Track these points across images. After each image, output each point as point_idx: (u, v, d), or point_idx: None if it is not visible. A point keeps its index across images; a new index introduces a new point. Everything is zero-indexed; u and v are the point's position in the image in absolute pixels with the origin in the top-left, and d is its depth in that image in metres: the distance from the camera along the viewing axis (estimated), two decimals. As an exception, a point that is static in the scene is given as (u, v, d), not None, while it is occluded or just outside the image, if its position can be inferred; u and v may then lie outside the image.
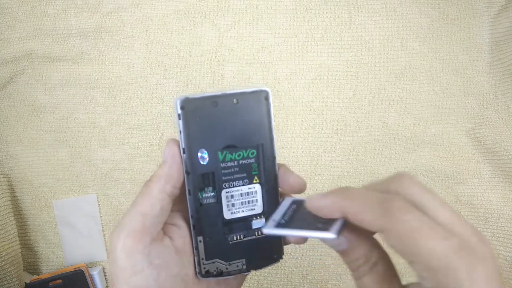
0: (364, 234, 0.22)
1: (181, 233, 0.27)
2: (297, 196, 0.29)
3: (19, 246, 0.55)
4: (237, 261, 0.28)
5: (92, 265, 0.58)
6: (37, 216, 0.58)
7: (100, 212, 0.58)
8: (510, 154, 0.57)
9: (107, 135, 0.58)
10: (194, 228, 0.27)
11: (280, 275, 0.59)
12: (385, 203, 0.19)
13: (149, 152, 0.59)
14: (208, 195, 0.27)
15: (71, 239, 0.57)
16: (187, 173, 0.26)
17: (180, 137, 0.26)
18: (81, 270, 0.54)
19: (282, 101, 0.60)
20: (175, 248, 0.26)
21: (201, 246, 0.27)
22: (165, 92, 0.59)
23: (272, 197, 0.28)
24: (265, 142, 0.28)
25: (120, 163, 0.58)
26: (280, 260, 0.29)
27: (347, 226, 0.22)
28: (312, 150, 0.59)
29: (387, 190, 0.21)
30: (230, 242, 0.28)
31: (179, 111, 0.26)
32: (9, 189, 0.57)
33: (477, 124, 0.60)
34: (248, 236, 0.28)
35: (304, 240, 0.26)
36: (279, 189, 0.29)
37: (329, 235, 0.22)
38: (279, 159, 0.28)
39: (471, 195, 0.59)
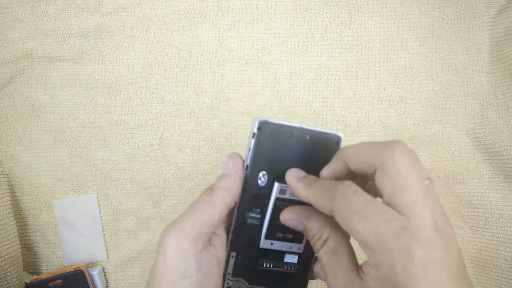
0: (315, 215, 0.25)
1: (223, 244, 0.28)
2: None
3: (19, 246, 0.55)
4: (259, 287, 0.28)
5: (92, 265, 0.58)
6: (37, 216, 0.58)
7: (100, 212, 0.58)
8: (510, 154, 0.57)
9: (107, 135, 0.58)
10: (231, 243, 0.28)
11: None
12: (332, 189, 0.22)
13: (149, 152, 0.59)
14: (254, 215, 0.28)
15: (71, 239, 0.57)
16: (243, 189, 0.27)
17: (247, 154, 0.27)
18: (81, 270, 0.54)
19: (282, 101, 0.60)
20: (217, 258, 0.27)
21: (231, 261, 0.28)
22: (165, 92, 0.59)
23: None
24: None
25: (120, 163, 0.58)
26: None
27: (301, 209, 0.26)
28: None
29: (379, 156, 0.22)
30: (259, 268, 0.28)
31: (255, 131, 0.26)
32: (9, 189, 0.57)
33: (477, 124, 0.60)
34: (278, 267, 0.28)
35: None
36: None
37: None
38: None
39: (471, 195, 0.59)
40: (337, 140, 0.28)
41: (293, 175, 0.26)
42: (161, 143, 0.59)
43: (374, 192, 0.25)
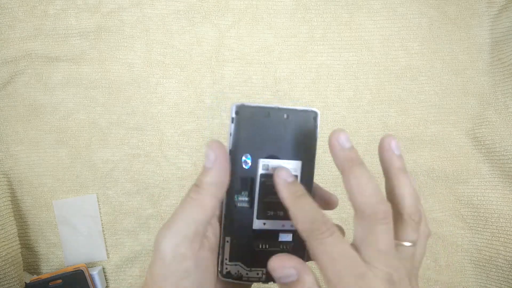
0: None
1: (214, 232, 0.28)
2: None
3: (19, 246, 0.55)
4: (258, 269, 0.28)
5: (92, 265, 0.58)
6: (37, 216, 0.58)
7: (100, 212, 0.58)
8: (510, 154, 0.57)
9: (107, 135, 0.58)
10: (224, 228, 0.28)
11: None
12: (315, 223, 0.23)
13: (149, 152, 0.59)
14: (244, 199, 0.28)
15: (71, 239, 0.57)
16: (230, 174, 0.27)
17: (229, 139, 0.27)
18: (81, 270, 0.54)
19: (282, 101, 0.60)
20: (210, 246, 0.27)
21: (227, 246, 0.28)
22: (165, 92, 0.59)
23: None
24: (305, 160, 0.29)
25: (120, 163, 0.58)
26: None
27: None
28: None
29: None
30: (256, 249, 0.28)
31: (233, 115, 0.27)
32: (9, 189, 0.57)
33: (477, 124, 0.60)
34: (274, 247, 0.28)
35: None
36: None
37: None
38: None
39: (471, 195, 0.59)
40: (314, 116, 0.29)
41: (282, 178, 0.26)
42: (161, 143, 0.59)
43: None
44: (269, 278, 0.28)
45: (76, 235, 0.57)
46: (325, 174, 0.59)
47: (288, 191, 0.26)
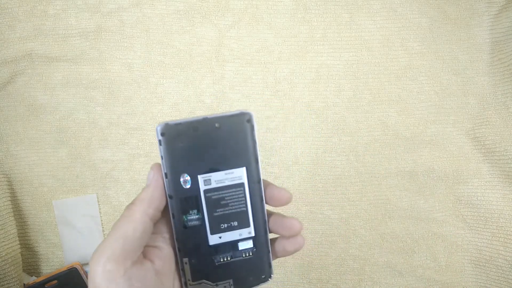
0: None
1: (162, 255, 0.27)
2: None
3: (19, 246, 0.55)
4: (224, 281, 0.28)
5: (92, 265, 0.58)
6: (37, 216, 0.58)
7: (100, 212, 0.58)
8: (510, 154, 0.57)
9: (107, 135, 0.58)
10: (179, 250, 0.27)
11: (280, 275, 0.59)
12: None
13: (149, 152, 0.59)
14: (193, 217, 0.27)
15: (71, 239, 0.57)
16: (170, 197, 0.27)
17: (162, 162, 0.26)
18: (75, 268, 0.54)
19: (282, 101, 0.60)
20: (156, 270, 0.26)
21: (187, 267, 0.27)
22: (165, 92, 0.59)
23: (260, 220, 0.28)
24: (249, 165, 0.27)
25: (120, 163, 0.58)
26: (270, 279, 0.29)
27: None
28: (312, 150, 0.59)
29: None
30: (217, 263, 0.28)
31: (160, 137, 0.26)
32: (9, 189, 0.56)
33: (477, 124, 0.60)
34: (235, 257, 0.28)
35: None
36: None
37: None
38: (279, 160, 0.28)
39: (471, 195, 0.59)
40: (248, 118, 0.27)
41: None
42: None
43: None
44: (237, 287, 0.28)
45: (76, 235, 0.57)
46: (325, 174, 0.59)
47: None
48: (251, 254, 0.28)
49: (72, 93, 0.58)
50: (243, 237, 0.28)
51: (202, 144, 0.26)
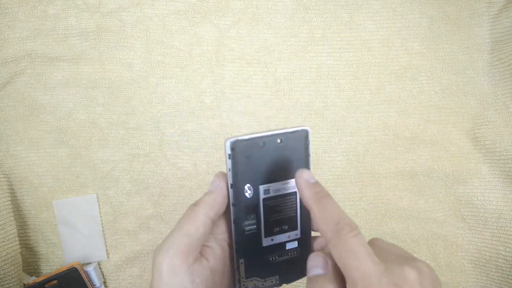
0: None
1: (214, 254, 0.29)
2: None
3: (19, 246, 0.54)
4: (271, 277, 0.31)
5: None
6: (37, 216, 0.58)
7: (100, 212, 0.58)
8: (510, 154, 0.57)
9: (107, 135, 0.58)
10: (237, 252, 0.30)
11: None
12: (340, 223, 0.24)
13: (149, 152, 0.59)
14: (251, 222, 0.30)
15: (71, 239, 0.57)
16: (234, 205, 0.29)
17: (229, 174, 0.29)
18: (75, 267, 0.53)
19: (282, 101, 0.60)
20: (210, 268, 0.28)
21: (242, 267, 0.30)
22: (165, 92, 0.59)
23: (305, 223, 0.32)
24: None
25: (120, 163, 0.58)
26: None
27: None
28: (312, 150, 0.59)
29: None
30: (267, 262, 0.31)
31: (229, 152, 0.28)
32: (9, 189, 0.57)
33: (477, 124, 0.60)
34: (283, 256, 0.31)
35: None
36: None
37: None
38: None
39: (471, 195, 0.59)
40: (306, 135, 0.30)
41: (305, 178, 0.27)
42: (161, 143, 0.59)
43: None
44: (282, 281, 0.31)
45: (76, 235, 0.57)
46: (325, 174, 0.59)
47: (311, 192, 0.26)
48: (295, 253, 0.32)
49: (72, 93, 0.58)
50: (291, 239, 0.31)
51: (265, 158, 0.29)
